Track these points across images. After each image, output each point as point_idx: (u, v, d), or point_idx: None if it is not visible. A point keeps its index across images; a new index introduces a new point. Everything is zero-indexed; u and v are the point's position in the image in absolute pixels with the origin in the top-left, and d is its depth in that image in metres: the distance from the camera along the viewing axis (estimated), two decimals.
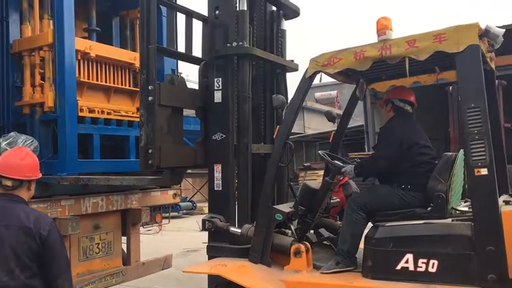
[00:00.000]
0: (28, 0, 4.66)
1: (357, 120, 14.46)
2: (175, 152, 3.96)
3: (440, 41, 3.01)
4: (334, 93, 24.27)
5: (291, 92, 3.97)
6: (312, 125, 20.46)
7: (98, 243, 4.76)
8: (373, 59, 3.23)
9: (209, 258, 3.85)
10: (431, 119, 11.37)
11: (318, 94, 24.12)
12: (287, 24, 4.53)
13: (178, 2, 4.51)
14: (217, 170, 3.95)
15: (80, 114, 4.57)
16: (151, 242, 7.25)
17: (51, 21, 4.52)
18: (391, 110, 3.67)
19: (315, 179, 11.22)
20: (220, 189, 3.93)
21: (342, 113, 4.42)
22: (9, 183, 2.62)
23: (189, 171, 5.09)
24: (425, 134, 3.60)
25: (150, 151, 3.71)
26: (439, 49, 3.01)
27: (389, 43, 3.18)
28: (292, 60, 4.51)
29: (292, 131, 3.81)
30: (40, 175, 2.79)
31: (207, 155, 4.04)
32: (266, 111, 4.39)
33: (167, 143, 3.88)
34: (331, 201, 4.11)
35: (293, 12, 4.46)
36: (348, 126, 4.56)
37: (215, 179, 3.94)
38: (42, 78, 4.54)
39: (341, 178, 4.08)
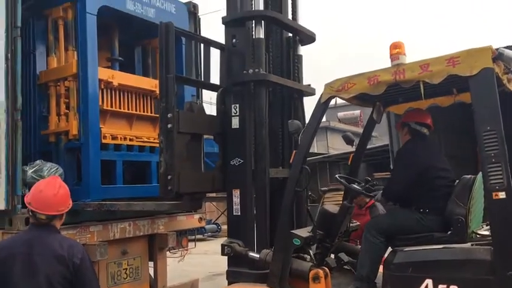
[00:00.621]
0: (54, 33, 4.90)
1: (381, 139, 14.38)
2: (194, 178, 4.05)
3: (453, 65, 3.03)
4: (357, 112, 24.21)
5: (309, 115, 4.03)
6: (336, 145, 20.42)
7: (126, 269, 4.84)
8: (387, 83, 3.26)
9: (229, 284, 3.89)
10: (456, 138, 11.21)
11: (341, 114, 24.10)
12: (303, 50, 4.62)
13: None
14: (236, 195, 4.01)
15: (103, 141, 4.73)
16: (177, 265, 7.33)
17: (75, 52, 4.73)
18: (407, 133, 3.68)
19: (339, 201, 11.13)
20: (239, 214, 3.98)
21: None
22: (43, 217, 2.76)
23: (213, 194, 5.18)
24: (444, 157, 3.60)
25: (169, 177, 3.81)
26: (453, 73, 3.03)
27: (403, 67, 3.22)
28: (309, 85, 4.58)
29: (316, 152, 3.87)
30: (71, 204, 2.93)
31: (225, 180, 4.11)
32: (284, 136, 4.44)
33: (186, 169, 3.97)
34: (351, 225, 4.10)
35: (309, 38, 4.55)
36: (373, 145, 4.58)
37: (234, 204, 4.00)
38: (67, 108, 4.74)
39: (367, 201, 4.08)
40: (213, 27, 4.09)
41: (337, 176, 3.90)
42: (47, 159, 4.53)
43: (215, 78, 4.42)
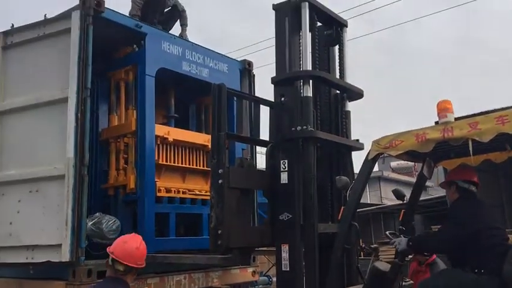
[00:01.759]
0: (116, 93, 5.31)
1: (436, 189, 13.90)
2: (244, 233, 4.12)
3: (503, 123, 3.02)
4: (411, 162, 23.60)
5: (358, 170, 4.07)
6: (390, 195, 19.80)
7: None
8: (435, 141, 3.28)
9: None
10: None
11: (394, 163, 23.59)
12: (351, 105, 4.71)
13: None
14: (285, 250, 4.04)
15: (158, 194, 4.97)
16: None
17: (135, 111, 5.09)
18: (455, 192, 3.63)
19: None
20: (288, 269, 3.99)
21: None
22: (122, 268, 2.97)
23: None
24: (494, 214, 3.50)
25: (219, 232, 3.91)
26: (502, 131, 3.01)
27: (451, 125, 3.23)
28: (357, 140, 4.63)
29: (369, 202, 3.88)
30: (144, 264, 3.10)
31: (274, 234, 4.16)
32: (333, 191, 4.47)
33: (236, 223, 4.06)
34: (403, 283, 4.00)
35: (357, 95, 4.65)
36: (430, 196, 4.52)
37: (283, 259, 4.02)
38: (126, 162, 5.05)
39: (427, 257, 3.99)
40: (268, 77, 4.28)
41: (387, 232, 3.87)
42: (105, 212, 4.79)
43: (265, 134, 4.59)
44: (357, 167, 4.19)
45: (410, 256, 3.65)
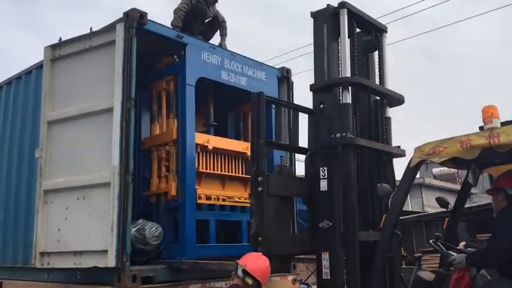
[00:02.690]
0: (157, 103, 5.45)
1: (483, 197, 13.44)
2: (284, 240, 4.14)
3: None
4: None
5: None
6: (432, 202, 19.31)
7: None
8: (480, 147, 3.20)
9: None
10: None
11: (436, 170, 22.93)
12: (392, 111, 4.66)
13: None
14: (325, 257, 4.03)
15: (198, 201, 5.04)
16: None
17: (175, 120, 5.18)
18: (503, 200, 3.51)
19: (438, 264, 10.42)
20: (329, 277, 3.97)
21: None
22: (251, 281, 3.27)
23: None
24: None
25: (259, 239, 3.93)
26: None
27: (497, 131, 3.15)
28: (399, 147, 4.57)
29: (410, 210, 3.82)
30: None
31: (314, 242, 4.16)
32: (374, 198, 4.43)
33: (276, 230, 4.08)
34: None
35: (397, 101, 4.60)
36: (475, 203, 4.40)
37: (323, 267, 4.01)
38: (167, 170, 5.15)
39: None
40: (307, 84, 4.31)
41: (431, 241, 3.78)
42: (147, 219, 4.90)
43: (304, 141, 4.60)
44: (398, 174, 4.14)
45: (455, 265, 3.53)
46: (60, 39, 5.04)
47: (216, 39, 6.23)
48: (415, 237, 16.61)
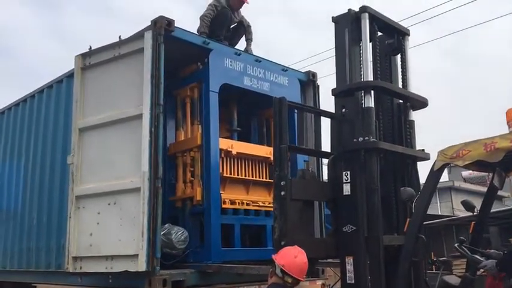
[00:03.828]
0: (182, 109, 5.55)
1: None
2: (308, 244, 4.11)
3: None
4: None
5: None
6: (462, 206, 18.91)
7: None
8: (505, 150, 3.15)
9: None
10: None
11: (465, 173, 22.40)
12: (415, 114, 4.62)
13: None
14: (349, 262, 4.00)
15: (223, 206, 5.11)
16: None
17: (200, 126, 5.28)
18: None
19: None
20: (353, 282, 3.94)
21: None
22: (290, 280, 3.30)
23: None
24: None
25: (282, 243, 3.93)
26: None
27: None
28: (423, 150, 4.51)
29: (440, 214, 3.78)
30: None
31: (338, 246, 4.14)
32: (398, 202, 4.38)
33: (299, 234, 4.08)
34: None
35: (421, 103, 4.54)
36: (507, 207, 4.32)
37: (347, 272, 3.99)
38: (192, 176, 5.24)
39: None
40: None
41: (456, 245, 3.73)
42: (174, 223, 5.00)
43: (327, 145, 4.59)
44: (423, 178, 4.10)
45: (482, 270, 3.48)
46: (90, 47, 5.17)
47: (241, 45, 6.29)
48: (445, 242, 16.29)
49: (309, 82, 6.06)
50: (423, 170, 4.33)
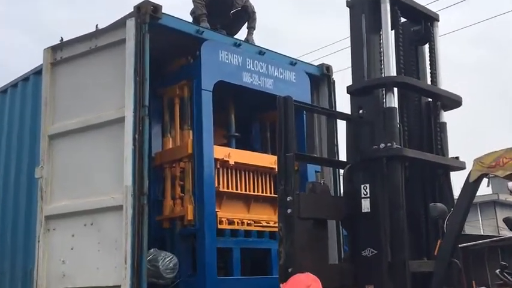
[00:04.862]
0: (169, 112, 5.55)
1: None
2: (319, 271, 4.09)
3: None
4: None
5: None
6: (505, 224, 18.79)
7: None
8: None
9: None
10: None
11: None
12: (447, 116, 4.61)
13: None
14: None
15: (219, 226, 5.08)
16: None
17: (190, 131, 5.27)
18: None
19: None
20: None
21: None
22: None
23: None
24: None
25: (289, 270, 3.91)
26: None
27: None
28: (457, 158, 4.51)
29: (482, 233, 3.76)
30: None
31: (356, 273, 4.13)
32: (427, 220, 4.37)
33: (309, 260, 4.06)
34: None
35: (453, 102, 4.55)
36: None
37: None
38: (182, 191, 5.23)
39: None
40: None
41: (497, 271, 3.71)
42: (161, 248, 4.97)
43: (343, 152, 4.59)
44: (457, 191, 4.08)
45: None
46: (62, 39, 5.17)
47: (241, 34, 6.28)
48: (488, 268, 16.16)
49: (322, 77, 6.06)
50: (457, 181, 4.31)
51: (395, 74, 4.28)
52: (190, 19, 5.89)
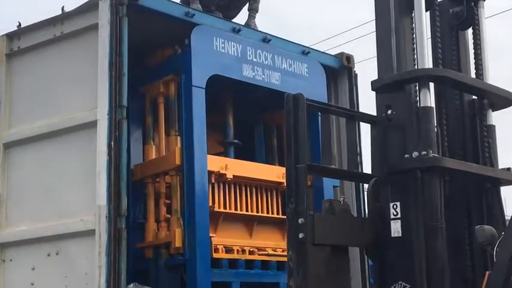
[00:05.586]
0: (152, 114, 5.56)
1: None
2: None
3: None
4: None
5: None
6: None
7: None
8: None
9: None
10: None
11: None
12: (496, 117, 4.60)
13: None
14: None
15: (215, 255, 5.08)
16: None
17: (178, 137, 5.28)
18: None
19: None
20: None
21: None
22: None
23: None
24: None
25: None
26: None
27: None
28: (508, 169, 4.50)
29: None
30: None
31: None
32: (472, 247, 4.36)
33: None
34: None
35: (504, 101, 4.53)
36: None
37: None
38: (169, 211, 5.22)
39: None
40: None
41: None
42: (142, 282, 4.96)
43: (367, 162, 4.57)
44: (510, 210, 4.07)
45: None
46: (20, 25, 5.18)
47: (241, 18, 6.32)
48: None
49: (341, 70, 6.08)
50: (509, 198, 4.31)
51: (431, 66, 4.29)
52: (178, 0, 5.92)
